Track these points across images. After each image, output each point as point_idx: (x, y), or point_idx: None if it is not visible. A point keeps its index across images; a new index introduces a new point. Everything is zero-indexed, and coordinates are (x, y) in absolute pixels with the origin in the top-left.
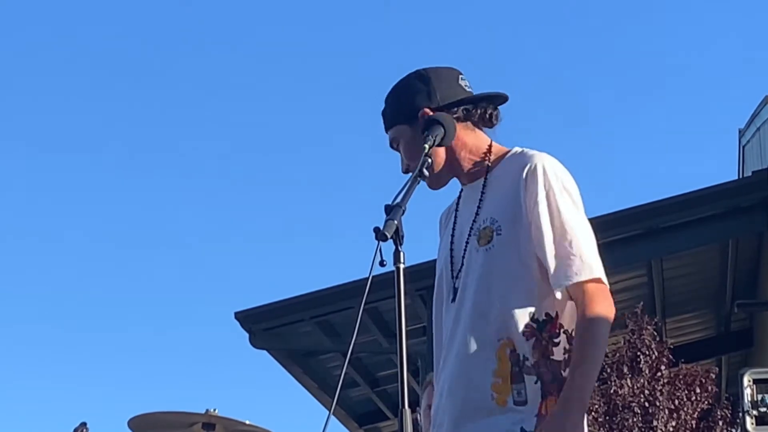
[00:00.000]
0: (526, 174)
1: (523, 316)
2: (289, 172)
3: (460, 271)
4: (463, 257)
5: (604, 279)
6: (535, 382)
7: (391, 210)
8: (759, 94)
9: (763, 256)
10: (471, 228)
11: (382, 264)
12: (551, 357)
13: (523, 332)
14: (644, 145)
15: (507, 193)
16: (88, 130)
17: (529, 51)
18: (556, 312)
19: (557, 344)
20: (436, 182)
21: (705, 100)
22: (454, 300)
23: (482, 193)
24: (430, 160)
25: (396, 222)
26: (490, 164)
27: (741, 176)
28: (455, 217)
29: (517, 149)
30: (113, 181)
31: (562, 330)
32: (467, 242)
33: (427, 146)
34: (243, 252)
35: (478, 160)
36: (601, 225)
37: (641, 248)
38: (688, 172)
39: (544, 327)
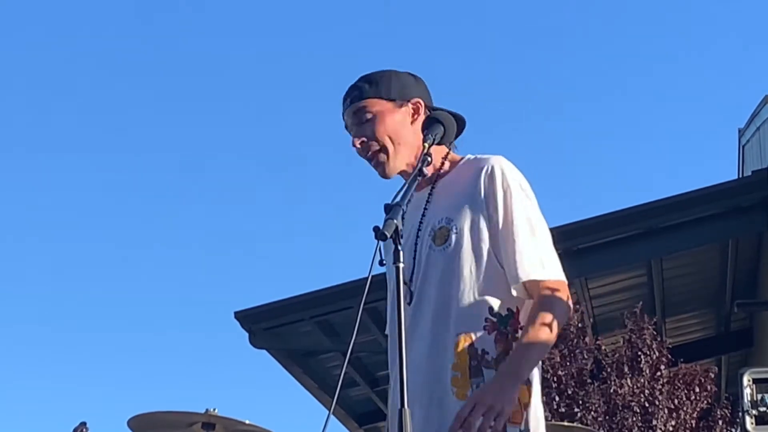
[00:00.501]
0: (484, 176)
1: (482, 311)
2: (288, 172)
3: (413, 273)
4: (414, 259)
5: (561, 276)
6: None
7: (391, 209)
8: (759, 94)
9: (763, 255)
10: (419, 230)
11: (381, 263)
12: (509, 350)
13: (484, 327)
14: (644, 144)
15: (464, 194)
16: (88, 131)
17: (528, 52)
18: (517, 307)
19: (516, 339)
20: (393, 171)
21: (705, 99)
22: (410, 303)
23: (429, 195)
24: (430, 159)
25: (396, 221)
26: (441, 171)
27: (741, 176)
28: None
29: (470, 156)
30: (114, 181)
31: (520, 326)
32: (416, 244)
33: (426, 144)
34: (243, 251)
35: (433, 169)
36: (600, 225)
37: (641, 248)
38: (687, 171)
39: (507, 322)
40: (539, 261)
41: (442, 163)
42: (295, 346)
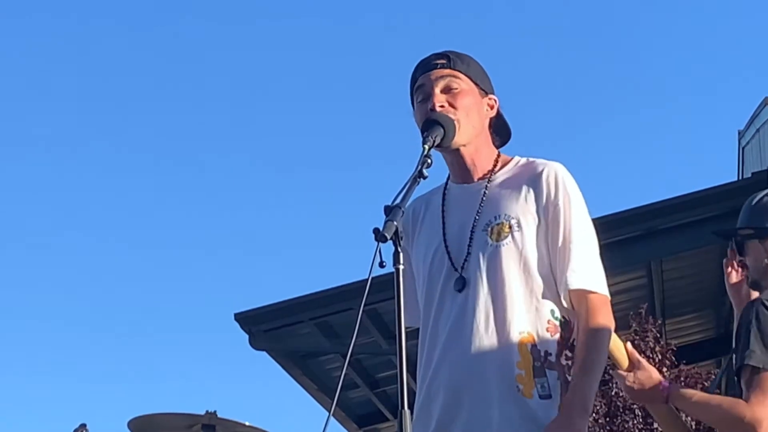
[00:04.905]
0: (545, 180)
1: (545, 313)
2: (287, 174)
3: (465, 261)
4: (469, 251)
5: (607, 291)
6: (557, 378)
7: (391, 211)
8: (758, 96)
9: None
10: (474, 223)
11: (381, 265)
12: (560, 358)
13: (547, 328)
14: (644, 146)
15: (523, 195)
16: (89, 132)
17: (528, 49)
18: (570, 318)
19: (565, 348)
20: (455, 144)
21: (705, 101)
22: (461, 290)
23: (484, 193)
24: (430, 161)
25: (395, 223)
26: (494, 169)
27: (740, 177)
28: (442, 213)
29: (521, 158)
30: (115, 182)
31: (573, 338)
32: (471, 237)
33: (426, 147)
34: (243, 253)
35: (484, 164)
36: (600, 226)
37: (641, 249)
38: (687, 173)
39: (565, 328)
40: (591, 273)
41: (495, 163)
42: (295, 347)
